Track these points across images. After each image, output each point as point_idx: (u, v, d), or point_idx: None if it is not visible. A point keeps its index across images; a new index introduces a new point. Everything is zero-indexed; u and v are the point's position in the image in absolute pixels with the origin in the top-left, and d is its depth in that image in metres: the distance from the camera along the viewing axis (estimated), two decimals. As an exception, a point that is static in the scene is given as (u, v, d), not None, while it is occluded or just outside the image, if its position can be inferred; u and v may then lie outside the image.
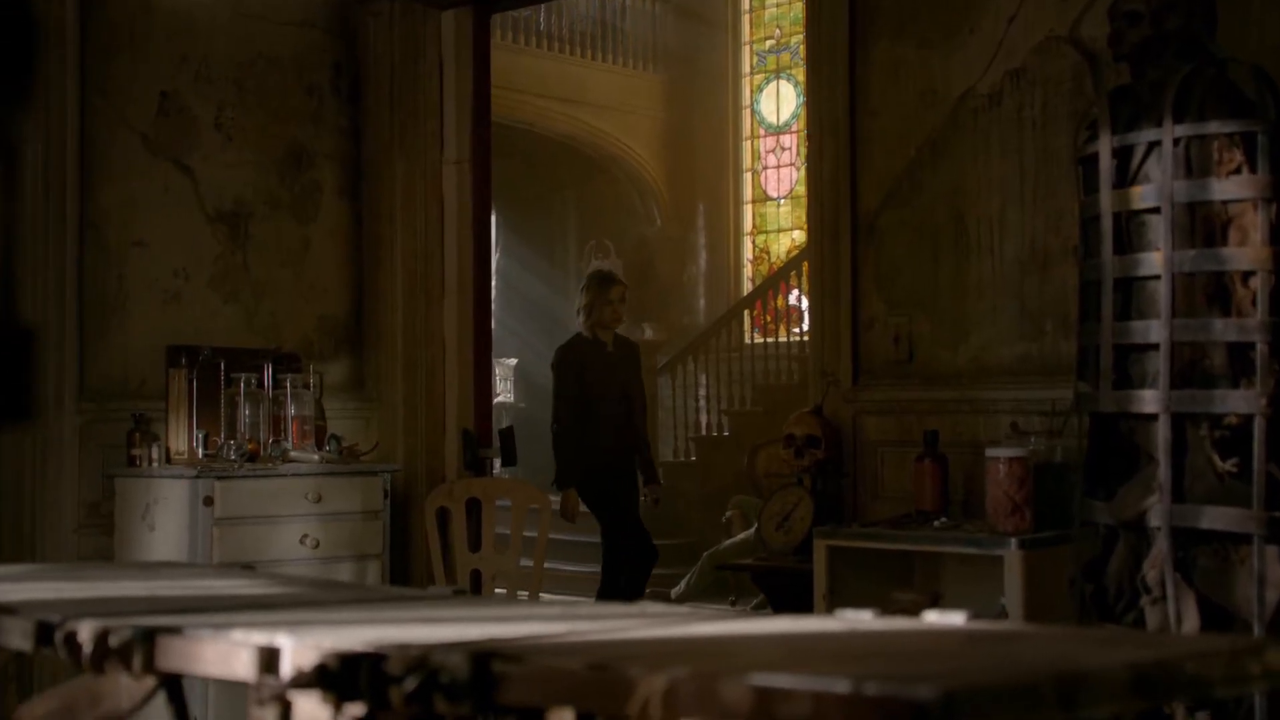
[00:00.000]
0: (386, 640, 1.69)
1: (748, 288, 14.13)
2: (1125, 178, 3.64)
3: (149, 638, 1.80)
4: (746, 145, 14.56)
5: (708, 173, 14.64)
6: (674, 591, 9.87)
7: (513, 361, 14.95)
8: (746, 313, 13.26)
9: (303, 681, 1.56)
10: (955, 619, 1.87)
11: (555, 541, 12.29)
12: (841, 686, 1.24)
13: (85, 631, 1.82)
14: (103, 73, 5.51)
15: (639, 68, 14.50)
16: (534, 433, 14.89)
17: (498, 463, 6.62)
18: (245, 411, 5.57)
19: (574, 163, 14.66)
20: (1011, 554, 3.97)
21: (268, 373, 5.66)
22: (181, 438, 5.51)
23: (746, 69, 14.59)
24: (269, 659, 1.70)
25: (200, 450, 5.46)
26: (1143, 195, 3.58)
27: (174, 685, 1.92)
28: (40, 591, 2.27)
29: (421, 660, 1.50)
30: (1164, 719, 3.25)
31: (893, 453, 4.79)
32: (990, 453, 4.08)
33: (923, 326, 4.81)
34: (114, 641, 1.81)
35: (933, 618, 1.90)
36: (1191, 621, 3.51)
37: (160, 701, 1.98)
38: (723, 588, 9.77)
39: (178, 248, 5.70)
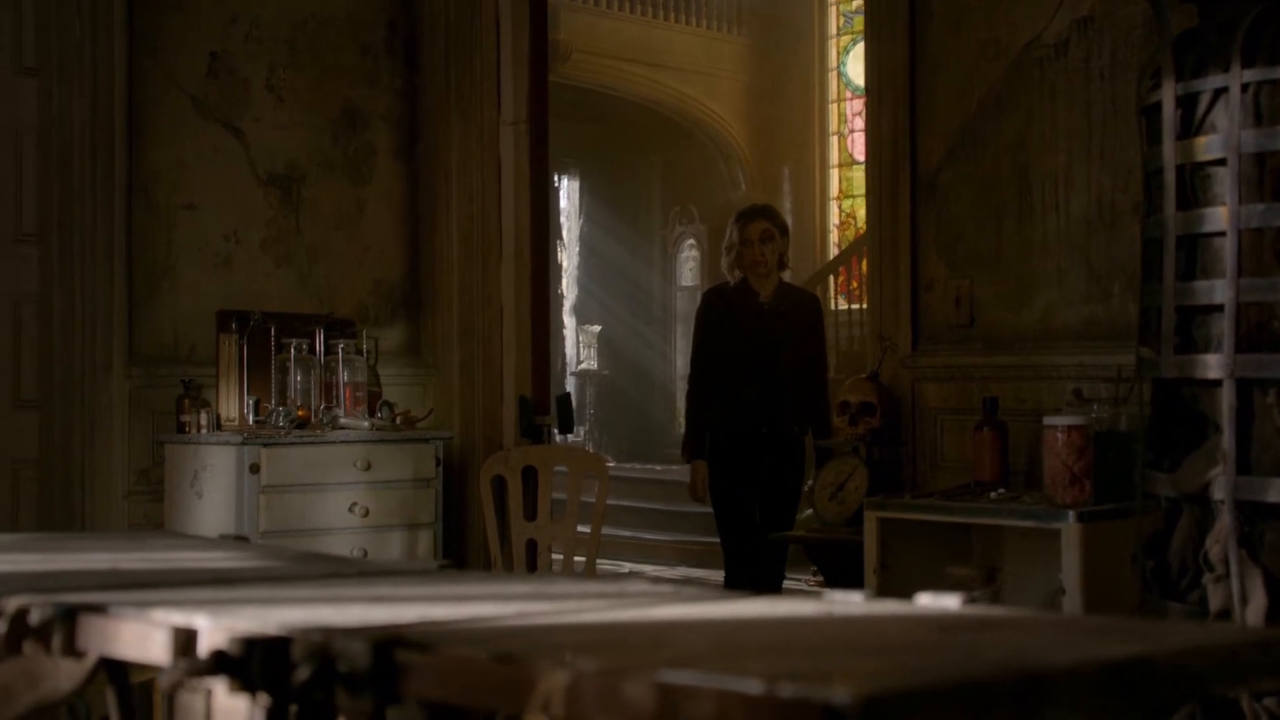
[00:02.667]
0: (313, 622, 1.55)
1: (833, 253, 13.89)
2: (1190, 128, 3.41)
3: (70, 616, 1.68)
4: (833, 108, 14.30)
5: (793, 136, 14.40)
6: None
7: (597, 328, 14.85)
8: (831, 279, 13.02)
9: (199, 668, 1.43)
10: (949, 602, 1.70)
11: (638, 510, 12.26)
12: (752, 686, 1.08)
13: (3, 608, 1.71)
14: (151, 33, 5.43)
15: (723, 30, 14.27)
16: (617, 400, 14.86)
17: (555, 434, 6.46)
18: (296, 378, 5.48)
19: (657, 127, 14.49)
20: (1069, 527, 3.77)
21: (319, 338, 5.56)
22: (232, 404, 5.44)
23: (833, 30, 14.32)
24: (185, 641, 1.57)
25: (251, 417, 5.39)
26: (1208, 146, 3.34)
27: (117, 666, 1.79)
28: (3, 565, 2.17)
29: (322, 647, 1.36)
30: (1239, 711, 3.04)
31: (953, 421, 4.59)
32: (1048, 421, 3.87)
33: (985, 288, 4.60)
34: (34, 619, 1.70)
35: (924, 600, 1.73)
36: (1258, 601, 3.29)
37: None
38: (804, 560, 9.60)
39: (229, 211, 5.62)
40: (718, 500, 5.58)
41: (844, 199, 14.23)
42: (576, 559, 5.82)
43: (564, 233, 15.02)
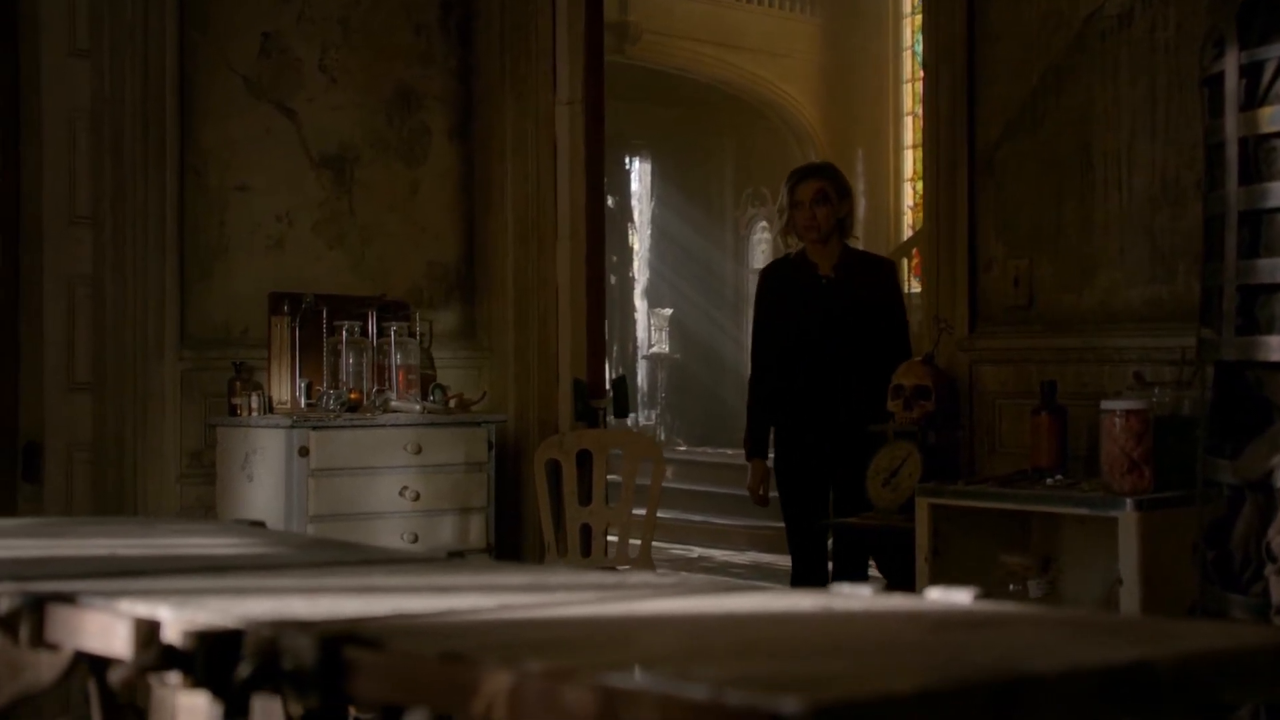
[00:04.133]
0: (278, 614, 1.48)
1: (908, 234, 13.70)
2: (1254, 98, 3.25)
3: (39, 606, 1.61)
4: (906, 88, 14.10)
5: (866, 117, 14.21)
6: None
7: (668, 312, 14.76)
8: (905, 260, 12.84)
9: (148, 663, 1.36)
10: (960, 597, 1.59)
11: (709, 494, 12.17)
12: (699, 693, 0.99)
13: (-27, 597, 1.65)
14: (203, 13, 5.40)
15: (796, 10, 14.11)
16: (688, 384, 14.76)
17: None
18: (348, 360, 5.44)
19: (730, 109, 14.37)
20: (1127, 516, 3.63)
21: (372, 321, 5.52)
22: (284, 387, 5.41)
23: (907, 9, 14.10)
24: (149, 633, 1.50)
25: (302, 400, 5.36)
26: (1272, 117, 3.18)
27: (100, 658, 1.73)
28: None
29: (270, 642, 1.28)
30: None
31: (1011, 405, 4.45)
32: (1105, 405, 3.72)
33: (1044, 268, 4.45)
34: (1, 609, 1.64)
35: (934, 596, 1.62)
36: (1323, 595, 3.14)
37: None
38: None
39: (281, 192, 5.58)
40: (782, 504, 5.01)
41: (918, 180, 14.02)
42: (633, 542, 5.74)
43: (635, 215, 14.94)
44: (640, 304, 14.88)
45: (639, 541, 5.63)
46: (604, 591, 1.71)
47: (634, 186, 14.87)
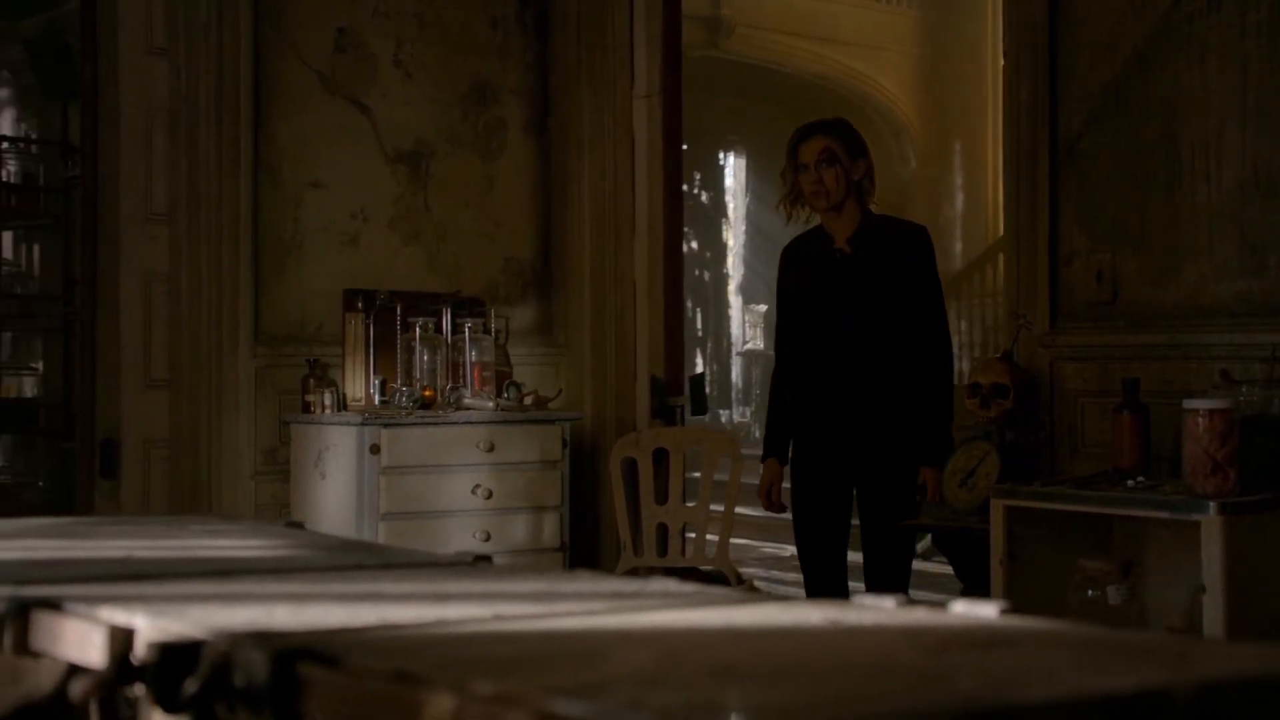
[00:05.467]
0: (258, 623, 1.41)
1: (1005, 229, 13.43)
2: (1343, 82, 3.09)
3: (23, 612, 1.56)
4: (1006, 79, 13.82)
5: (964, 110, 13.95)
6: (920, 546, 9.44)
7: (763, 308, 14.62)
8: (1001, 256, 12.59)
9: (105, 677, 1.30)
10: (986, 611, 1.49)
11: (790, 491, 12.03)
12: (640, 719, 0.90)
13: (-41, 601, 1.60)
14: (278, 9, 5.40)
15: (892, 2, 13.90)
16: (782, 381, 14.61)
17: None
18: (423, 357, 5.41)
19: (824, 103, 14.17)
20: (1210, 520, 3.46)
21: (446, 317, 5.49)
22: (358, 384, 5.39)
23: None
24: (124, 642, 1.44)
25: (376, 397, 5.34)
26: (1362, 101, 3.02)
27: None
28: (9, 551, 2.09)
29: (225, 656, 1.21)
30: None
31: (1094, 403, 4.30)
32: (1188, 404, 3.56)
33: (1129, 262, 4.29)
34: (-12, 614, 1.58)
35: (959, 609, 1.52)
36: None
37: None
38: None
39: (356, 188, 5.56)
40: (794, 513, 4.32)
41: (1017, 173, 13.77)
42: (709, 537, 5.65)
43: (729, 211, 14.83)
44: (734, 300, 14.76)
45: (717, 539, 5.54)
46: (614, 601, 1.63)
47: (728, 182, 14.75)
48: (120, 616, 1.47)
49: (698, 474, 5.81)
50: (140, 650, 1.37)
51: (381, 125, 5.61)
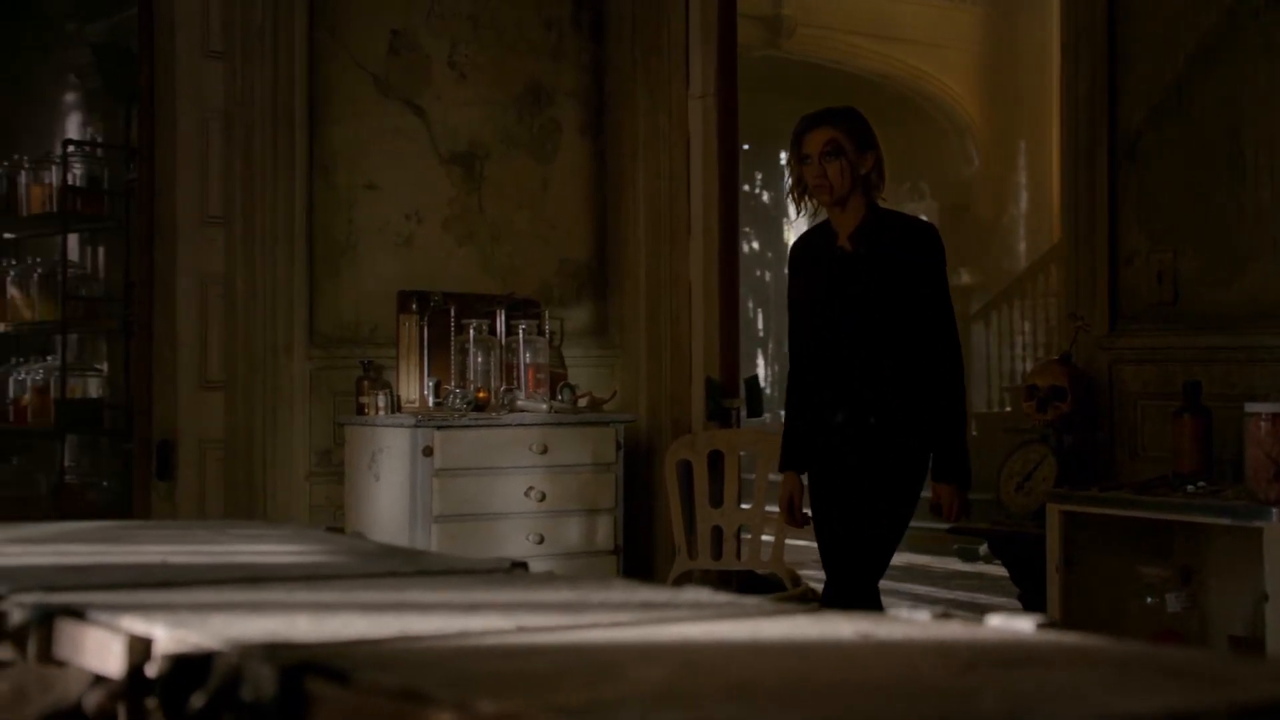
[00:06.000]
0: (277, 634, 1.39)
1: (1071, 229, 13.26)
2: None
3: (47, 620, 1.55)
4: (1071, 77, 13.65)
5: (1029, 109, 13.78)
6: (981, 550, 9.34)
7: (824, 308, 14.53)
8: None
9: (117, 689, 1.28)
10: (1023, 625, 1.44)
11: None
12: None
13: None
14: (332, 12, 5.41)
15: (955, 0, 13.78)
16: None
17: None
18: (477, 359, 5.40)
19: (886, 102, 14.05)
20: (1273, 526, 3.39)
21: (500, 319, 5.47)
22: (412, 385, 5.39)
23: (1071, -5, 13.67)
24: (142, 651, 1.42)
25: (430, 398, 5.33)
26: None
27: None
28: (46, 555, 2.09)
29: (235, 669, 1.19)
30: None
31: (1154, 407, 4.21)
32: (1250, 408, 3.49)
33: (1190, 262, 4.20)
34: (13, 622, 1.58)
35: (995, 623, 1.47)
36: None
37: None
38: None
39: (410, 190, 5.56)
40: (815, 507, 4.07)
41: (1083, 172, 13.60)
42: (765, 539, 5.60)
43: (791, 212, 14.74)
44: (796, 301, 14.65)
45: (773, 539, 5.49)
46: (642, 613, 1.60)
47: (788, 182, 14.67)
48: (140, 626, 1.46)
49: (753, 476, 5.76)
50: (156, 661, 1.35)
51: (436, 127, 5.61)
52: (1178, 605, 3.62)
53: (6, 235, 7.78)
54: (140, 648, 1.43)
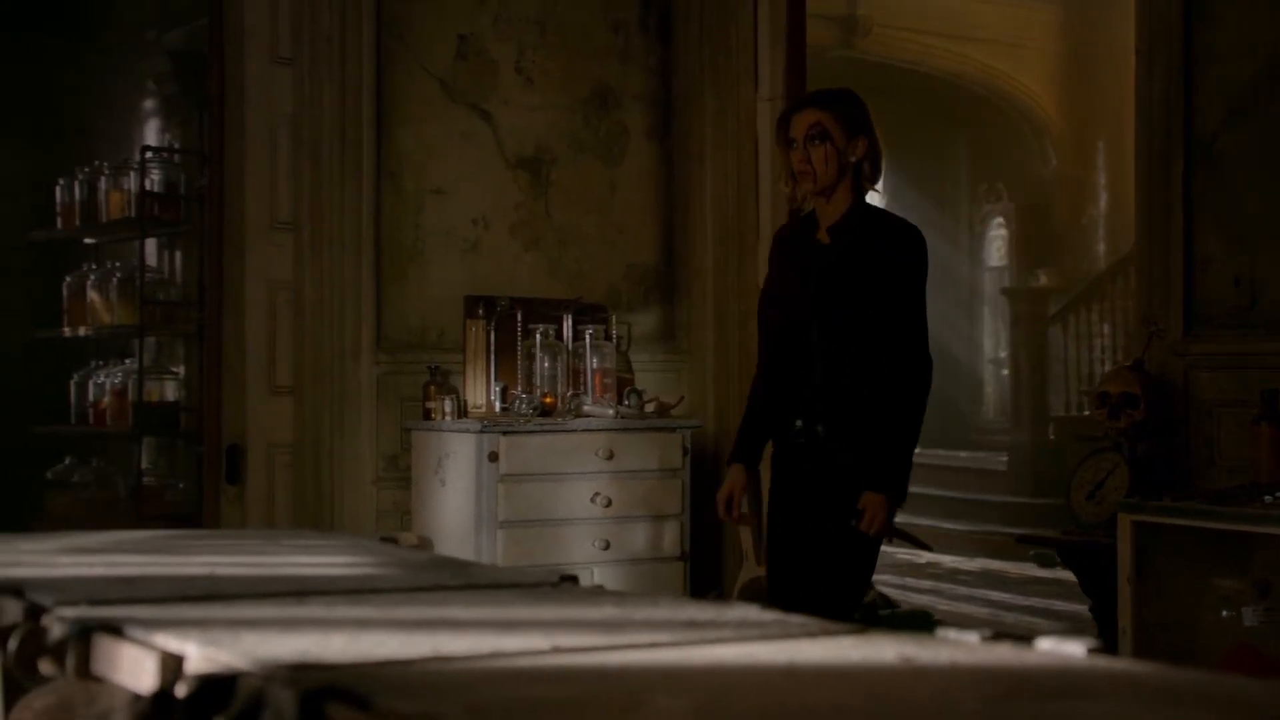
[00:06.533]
0: (309, 654, 1.37)
1: (1151, 230, 13.04)
2: None
3: (85, 635, 1.54)
4: (1151, 76, 13.43)
5: (1108, 109, 13.57)
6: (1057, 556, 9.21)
7: (901, 310, 14.40)
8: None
9: (144, 708, 1.27)
10: (1073, 650, 1.40)
11: (937, 497, 11.83)
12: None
13: (23, 624, 1.59)
14: (399, 18, 5.42)
15: (1033, -2, 13.61)
16: (920, 385, 14.37)
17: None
18: (543, 364, 5.39)
19: (963, 103, 13.93)
20: (1352, 539, 3.29)
21: (567, 324, 5.46)
22: (479, 390, 5.39)
23: (1152, -8, 13.45)
24: (175, 669, 1.41)
25: (497, 404, 5.33)
26: None
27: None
28: (96, 567, 2.09)
29: (257, 693, 1.18)
30: None
31: (1231, 414, 4.12)
32: (1328, 416, 3.39)
33: (1269, 266, 4.10)
34: (53, 637, 1.57)
35: (1045, 647, 1.43)
36: None
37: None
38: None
39: (477, 195, 5.56)
40: (770, 518, 3.92)
41: (1164, 172, 13.37)
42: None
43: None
44: (870, 303, 14.53)
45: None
46: (684, 632, 1.56)
47: (864, 183, 14.55)
48: (174, 643, 1.44)
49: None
50: (185, 681, 1.34)
51: (502, 132, 5.61)
52: (1255, 619, 3.53)
53: (87, 240, 7.87)
54: (172, 665, 1.42)
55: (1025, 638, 1.50)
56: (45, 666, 1.57)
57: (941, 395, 13.94)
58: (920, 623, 6.13)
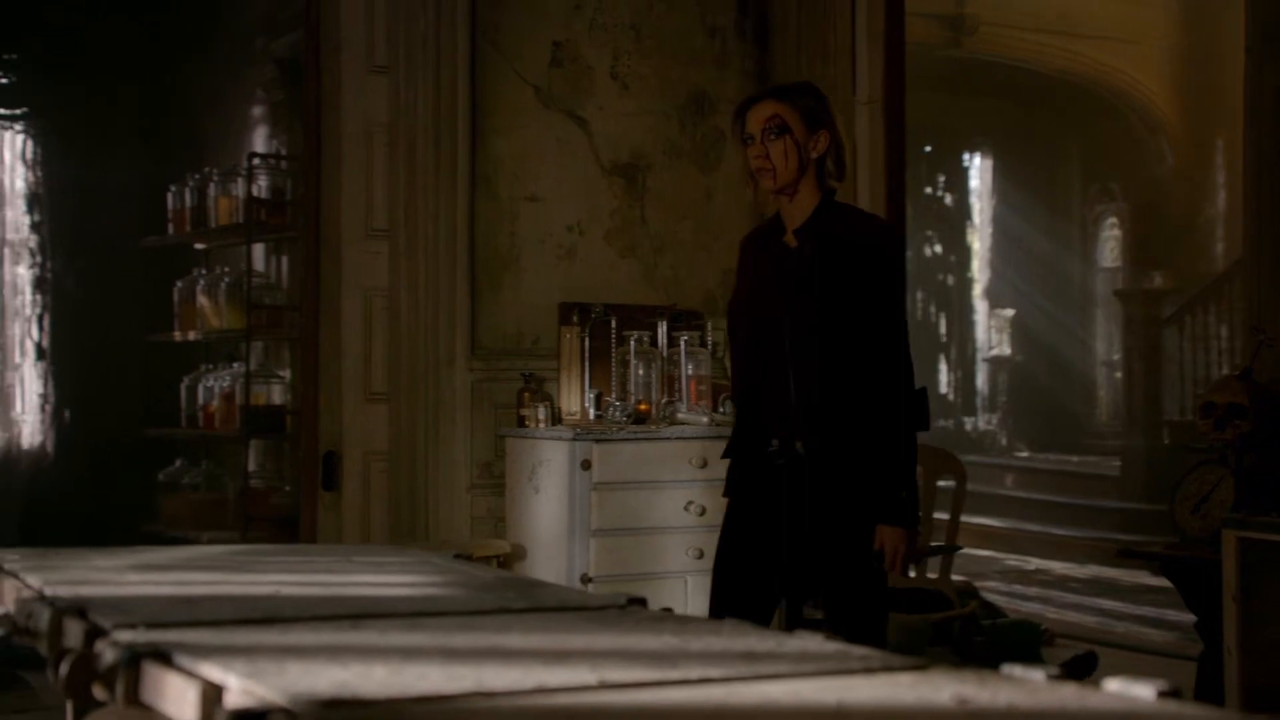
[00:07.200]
0: (347, 687, 1.35)
1: (1271, 230, 12.70)
2: None
3: (134, 663, 1.53)
4: (1271, 71, 13.09)
5: (1227, 106, 13.24)
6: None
7: (1010, 313, 14.21)
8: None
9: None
10: (1143, 693, 1.33)
11: (1048, 503, 11.62)
12: None
13: (74, 650, 1.59)
14: (494, 24, 5.42)
15: (1147, -7, 13.34)
16: (1030, 388, 14.17)
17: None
18: (638, 371, 5.36)
19: (1075, 101, 13.69)
20: None
21: (661, 330, 5.42)
22: (573, 398, 5.37)
23: (1272, -14, 13.11)
24: (213, 700, 1.39)
25: (591, 411, 5.30)
26: None
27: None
28: (163, 585, 2.09)
29: (281, 732, 1.15)
30: None
31: (1343, 426, 3.97)
32: None
33: (1383, 273, 3.96)
34: (104, 663, 1.57)
35: (1113, 688, 1.36)
36: None
37: None
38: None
39: (572, 201, 5.55)
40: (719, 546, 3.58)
41: (1284, 170, 13.01)
42: (934, 543, 5.45)
43: (974, 214, 14.45)
44: (980, 305, 14.36)
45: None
46: (736, 666, 1.52)
47: (973, 184, 14.37)
48: (217, 673, 1.43)
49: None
50: (221, 714, 1.32)
51: (598, 138, 5.59)
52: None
53: (197, 246, 8.00)
54: (212, 696, 1.41)
55: (1135, 649, 1.43)
56: (99, 691, 1.57)
57: (1053, 398, 13.81)
58: (1027, 633, 6.01)
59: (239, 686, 1.37)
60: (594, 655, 1.57)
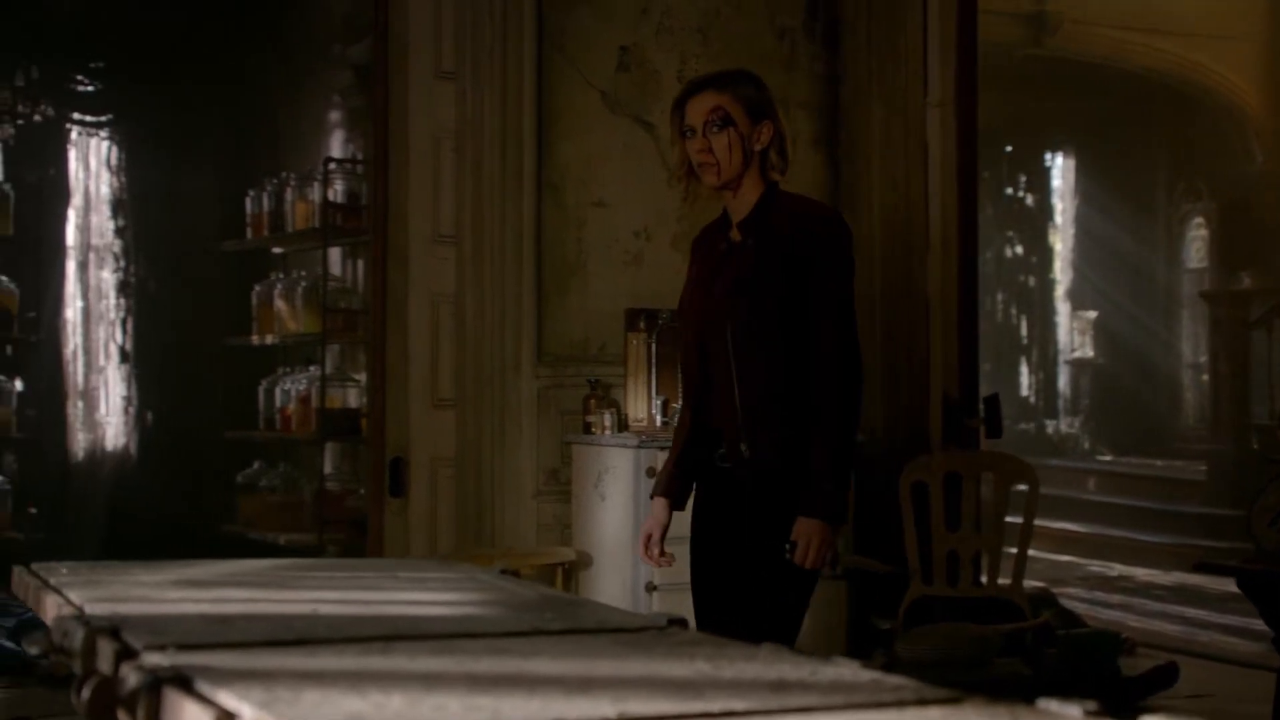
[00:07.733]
0: (363, 718, 1.33)
1: (1361, 233, 12.46)
2: None
3: (156, 689, 1.53)
4: (1365, 67, 12.82)
5: (1318, 101, 13.00)
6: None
7: (1092, 314, 14.02)
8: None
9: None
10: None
11: (1132, 508, 11.44)
12: None
13: (96, 675, 1.58)
14: (560, 30, 5.41)
15: (1235, -13, 13.08)
16: (1113, 390, 13.96)
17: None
18: (705, 377, 5.32)
19: (1160, 98, 13.47)
20: None
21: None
22: (639, 404, 5.35)
23: (1368, -22, 12.83)
24: (228, 729, 1.38)
25: (658, 417, 5.28)
26: None
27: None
28: (201, 603, 2.08)
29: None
30: None
31: None
32: None
33: None
34: (127, 688, 1.56)
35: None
36: None
37: None
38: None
39: (639, 207, 5.52)
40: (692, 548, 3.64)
41: (1378, 170, 12.73)
42: (1009, 550, 5.37)
43: (1057, 215, 14.26)
44: (1062, 307, 14.17)
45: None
46: (767, 697, 1.48)
47: (1055, 184, 14.18)
48: (232, 702, 1.41)
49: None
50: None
51: (665, 143, 5.54)
52: None
53: (275, 250, 8.08)
54: (226, 726, 1.39)
55: (1219, 659, 1.38)
56: (122, 716, 1.56)
57: (1137, 401, 13.61)
58: (1106, 643, 5.90)
59: (252, 716, 1.36)
60: (619, 684, 1.54)
